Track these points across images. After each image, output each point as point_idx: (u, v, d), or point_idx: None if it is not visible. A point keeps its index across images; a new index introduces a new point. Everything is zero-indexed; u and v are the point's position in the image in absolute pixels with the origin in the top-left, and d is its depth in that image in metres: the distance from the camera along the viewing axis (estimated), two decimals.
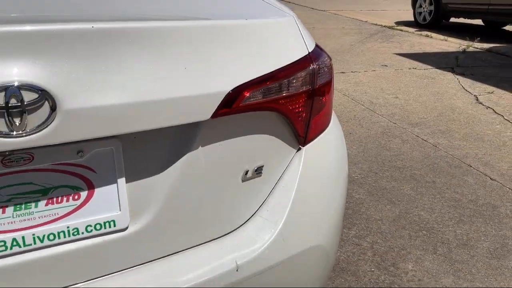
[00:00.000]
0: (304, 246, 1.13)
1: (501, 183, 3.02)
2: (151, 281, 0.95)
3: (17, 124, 0.75)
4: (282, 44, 1.09)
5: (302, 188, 1.14)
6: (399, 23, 10.39)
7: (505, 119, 4.23)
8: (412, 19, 10.44)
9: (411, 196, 2.83)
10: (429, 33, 8.87)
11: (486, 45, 7.63)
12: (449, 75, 5.72)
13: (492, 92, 5.03)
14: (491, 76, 5.72)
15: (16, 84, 0.74)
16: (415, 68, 6.02)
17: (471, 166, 3.25)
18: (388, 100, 4.66)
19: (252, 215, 1.10)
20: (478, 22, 10.31)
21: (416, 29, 9.43)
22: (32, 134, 0.76)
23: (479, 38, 8.15)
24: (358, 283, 2.06)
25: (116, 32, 0.84)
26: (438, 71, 5.94)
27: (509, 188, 2.96)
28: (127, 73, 0.84)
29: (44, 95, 0.76)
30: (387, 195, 2.84)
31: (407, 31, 9.21)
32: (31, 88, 0.75)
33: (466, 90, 5.12)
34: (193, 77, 0.91)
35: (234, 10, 1.14)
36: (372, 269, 2.16)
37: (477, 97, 4.85)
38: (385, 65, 6.06)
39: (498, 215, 2.66)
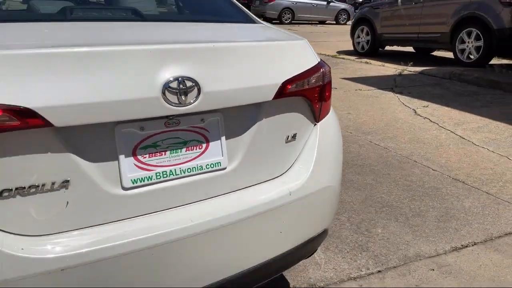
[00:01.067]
0: (323, 185, 1.76)
1: (441, 172, 3.78)
2: (240, 201, 1.53)
3: (183, 99, 1.34)
4: (303, 56, 1.74)
5: (319, 148, 1.77)
6: (340, 52, 11.42)
7: (440, 126, 5.08)
8: (352, 48, 11.51)
9: (373, 184, 3.52)
10: (368, 60, 9.90)
11: (418, 69, 8.69)
12: (390, 94, 6.61)
13: (427, 106, 5.93)
14: (425, 94, 6.67)
15: (182, 76, 1.33)
16: (361, 90, 6.88)
17: (416, 162, 4.01)
18: (342, 115, 5.41)
19: (292, 165, 1.71)
20: (410, 49, 11.52)
21: (356, 57, 10.46)
22: (188, 106, 1.35)
23: (412, 63, 9.23)
24: (343, 242, 2.69)
25: (223, 48, 1.46)
26: (380, 91, 6.82)
27: (447, 176, 3.72)
28: (230, 72, 1.45)
29: (195, 83, 1.36)
30: (354, 184, 3.51)
31: (348, 59, 10.21)
32: (189, 79, 1.34)
33: (405, 105, 5.99)
34: (262, 75, 1.53)
35: (270, 36, 1.79)
36: (352, 234, 2.80)
37: (415, 110, 5.72)
38: (335, 88, 6.87)
39: (440, 194, 3.39)
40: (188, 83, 1.34)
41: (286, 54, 1.67)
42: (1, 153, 1.13)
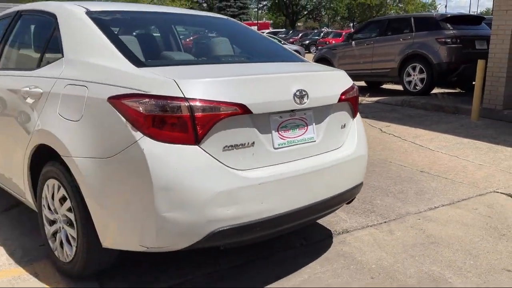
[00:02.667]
0: (361, 153, 3.00)
1: (410, 168, 5.13)
2: (323, 159, 2.74)
3: (301, 101, 2.56)
4: (345, 79, 3.01)
5: (357, 133, 3.03)
6: None
7: (402, 139, 6.49)
8: None
9: (366, 177, 4.80)
10: None
11: (374, 98, 10.25)
12: None
13: (389, 126, 7.37)
14: (384, 117, 8.14)
15: (301, 89, 2.56)
16: None
17: (391, 162, 5.34)
18: None
19: (344, 142, 2.94)
20: (362, 83, 13.19)
21: None
22: (302, 105, 2.57)
23: (368, 94, 10.80)
24: (357, 209, 3.91)
25: (314, 74, 2.72)
26: None
27: (416, 169, 5.06)
28: (318, 87, 2.70)
29: (306, 93, 2.59)
30: None
31: None
32: (303, 90, 2.57)
33: (372, 126, 7.40)
34: (331, 89, 2.79)
35: (324, 68, 3.07)
36: (361, 205, 4.03)
37: (381, 129, 7.14)
38: None
39: (414, 180, 4.71)
40: (303, 93, 2.57)
41: (338, 77, 2.94)
42: (229, 126, 2.31)
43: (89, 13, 2.90)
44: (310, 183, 2.62)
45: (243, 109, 2.34)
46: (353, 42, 11.62)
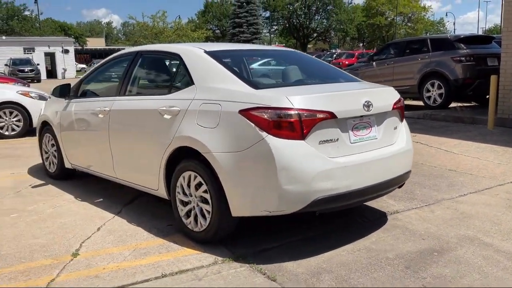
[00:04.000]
0: (408, 148, 4.02)
1: (439, 168, 6.11)
2: (383, 151, 3.75)
3: (368, 109, 3.60)
4: (394, 92, 4.05)
5: (405, 131, 4.06)
6: None
7: (429, 146, 7.48)
8: None
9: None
10: None
11: None
12: None
13: (415, 135, 8.35)
14: (410, 129, 9.14)
15: (367, 100, 3.61)
16: None
17: (423, 164, 6.32)
18: None
19: (396, 140, 3.96)
20: None
21: None
22: (368, 112, 3.61)
23: None
24: (400, 197, 4.90)
25: (374, 90, 3.78)
26: None
27: (444, 169, 6.04)
28: (378, 98, 3.75)
29: (371, 103, 3.63)
30: None
31: None
32: (369, 101, 3.61)
33: None
34: (386, 99, 3.84)
35: (376, 85, 4.13)
36: (403, 194, 5.01)
37: None
38: None
39: (444, 176, 5.69)
40: (369, 103, 3.62)
41: (390, 92, 3.99)
42: (323, 127, 3.35)
43: (206, 52, 4.01)
44: (376, 168, 3.64)
45: (331, 115, 3.39)
46: (374, 63, 12.71)
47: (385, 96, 3.91)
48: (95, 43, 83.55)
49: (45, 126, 5.84)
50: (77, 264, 3.43)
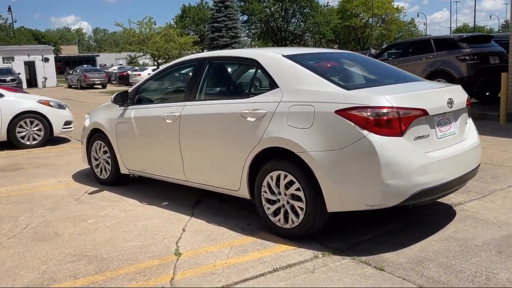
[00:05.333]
0: (478, 143, 4.25)
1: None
2: (461, 145, 3.98)
3: (450, 106, 3.82)
4: (463, 90, 4.28)
5: (474, 128, 4.30)
6: None
7: None
8: None
9: None
10: None
11: None
12: None
13: None
14: None
15: (450, 98, 3.83)
16: None
17: None
18: None
19: (468, 135, 4.19)
20: None
21: None
22: (450, 109, 3.84)
23: None
24: (454, 194, 5.14)
25: (450, 88, 4.01)
26: None
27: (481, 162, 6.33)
28: (454, 97, 3.97)
29: (452, 101, 3.85)
30: None
31: None
32: (451, 99, 3.83)
33: None
34: (460, 98, 4.08)
35: (442, 84, 4.35)
36: (455, 195, 5.26)
37: None
38: None
39: (485, 169, 5.96)
40: (452, 100, 3.83)
41: (461, 89, 4.22)
42: (417, 124, 3.55)
43: (285, 56, 4.16)
44: (460, 161, 3.86)
45: (424, 112, 3.59)
46: None
47: (461, 94, 4.14)
48: (69, 50, 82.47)
49: (95, 133, 5.88)
50: (185, 263, 3.53)
